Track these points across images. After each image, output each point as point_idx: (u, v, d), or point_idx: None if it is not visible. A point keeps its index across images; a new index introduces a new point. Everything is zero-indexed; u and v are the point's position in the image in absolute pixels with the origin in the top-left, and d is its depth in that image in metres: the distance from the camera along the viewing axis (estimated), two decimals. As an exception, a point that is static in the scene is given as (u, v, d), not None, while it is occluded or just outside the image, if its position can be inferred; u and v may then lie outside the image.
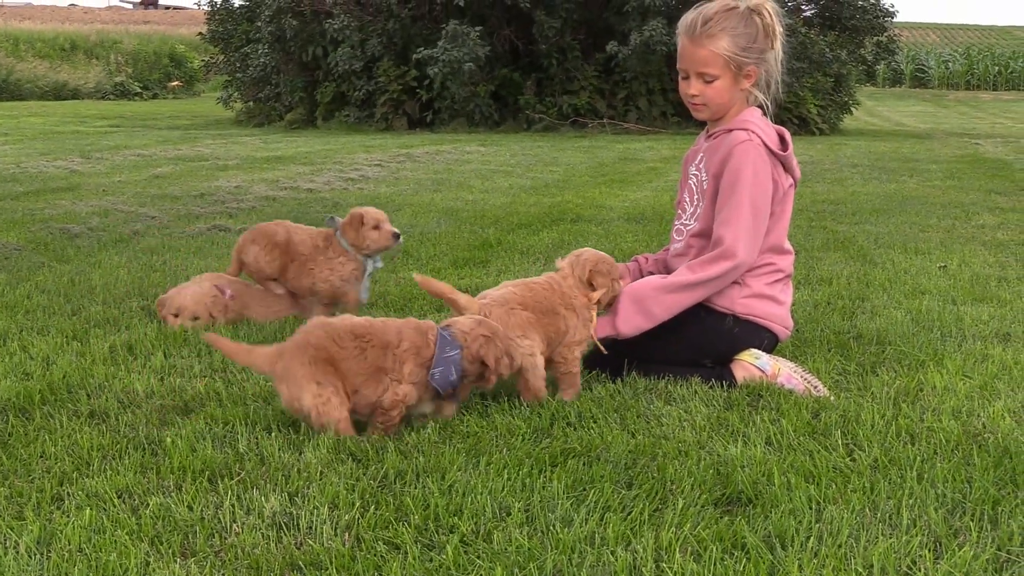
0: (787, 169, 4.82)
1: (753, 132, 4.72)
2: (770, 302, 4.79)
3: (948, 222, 10.00)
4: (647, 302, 4.71)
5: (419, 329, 4.09)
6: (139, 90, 49.22)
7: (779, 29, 4.82)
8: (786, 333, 4.91)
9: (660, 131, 25.90)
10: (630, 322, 4.69)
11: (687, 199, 4.98)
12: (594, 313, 4.62)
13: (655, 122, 26.68)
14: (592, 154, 19.12)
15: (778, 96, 4.91)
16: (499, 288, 4.60)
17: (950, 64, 69.20)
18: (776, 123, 4.93)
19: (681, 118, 27.20)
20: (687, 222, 4.94)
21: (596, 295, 4.61)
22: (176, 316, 5.61)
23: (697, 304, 4.75)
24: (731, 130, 4.77)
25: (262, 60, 29.42)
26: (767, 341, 4.81)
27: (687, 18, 4.79)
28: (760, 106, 4.89)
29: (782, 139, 4.83)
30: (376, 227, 5.74)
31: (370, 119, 27.17)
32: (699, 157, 4.93)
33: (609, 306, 4.71)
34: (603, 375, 4.73)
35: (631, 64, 25.62)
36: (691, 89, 4.82)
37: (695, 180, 4.92)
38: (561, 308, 4.51)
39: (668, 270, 5.00)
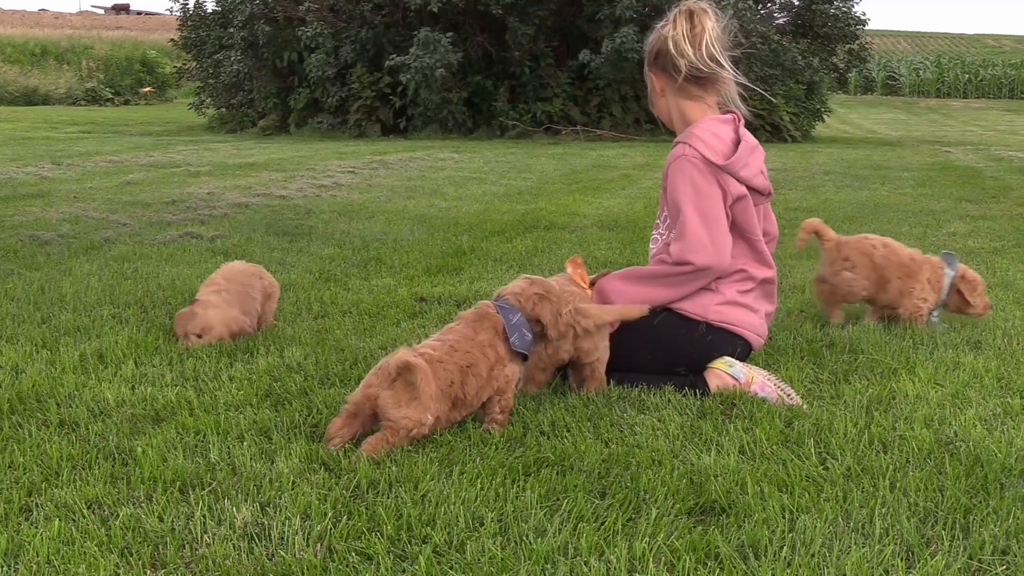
0: (740, 180, 4.75)
1: (690, 144, 4.69)
2: (744, 310, 4.80)
3: (920, 230, 10.04)
4: (609, 296, 4.81)
5: (479, 315, 4.22)
6: (111, 96, 49.08)
7: (673, 29, 4.73)
8: (760, 342, 4.92)
9: (633, 138, 25.95)
10: None
11: (661, 207, 5.00)
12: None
13: (628, 129, 26.76)
14: (565, 161, 19.13)
15: (732, 100, 4.90)
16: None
17: (921, 72, 69.72)
18: (750, 130, 4.92)
19: (654, 125, 27.26)
20: (663, 232, 4.93)
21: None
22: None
23: (669, 311, 4.77)
24: (678, 142, 4.79)
25: (235, 66, 29.42)
26: (740, 349, 4.82)
27: None
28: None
29: (739, 144, 4.79)
30: (982, 295, 5.86)
31: (343, 126, 27.18)
32: None
33: None
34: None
35: (604, 71, 25.68)
36: None
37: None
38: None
39: None
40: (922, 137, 31.16)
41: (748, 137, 4.84)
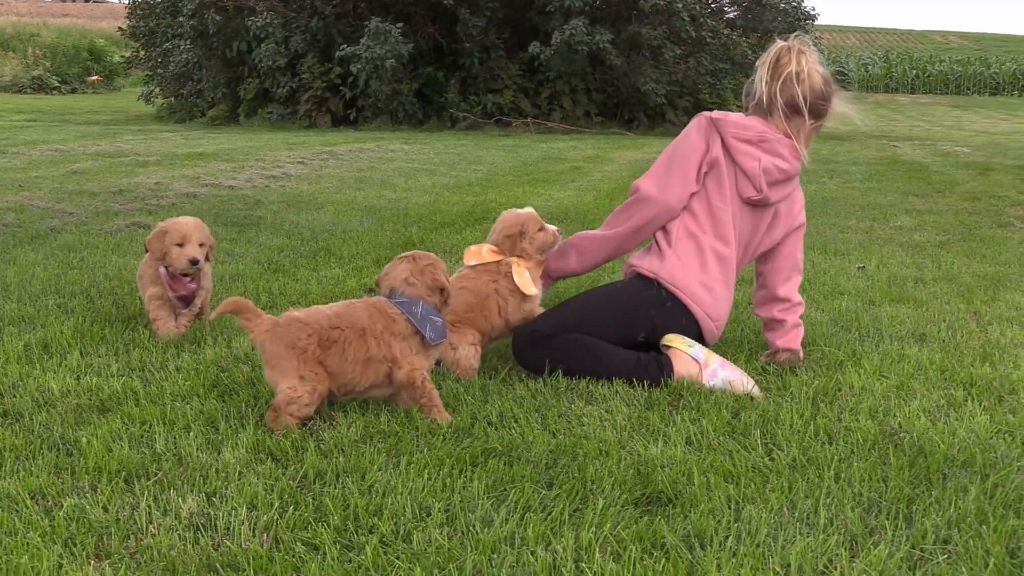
0: (726, 144, 4.89)
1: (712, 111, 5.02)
2: (697, 284, 4.83)
3: (867, 223, 10.12)
4: (574, 239, 5.15)
5: (379, 309, 4.19)
6: (57, 84, 48.59)
7: (770, 59, 5.05)
8: (711, 326, 4.86)
9: (584, 130, 26.00)
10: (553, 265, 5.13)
11: None
12: None
13: (579, 121, 26.82)
14: (516, 153, 19.13)
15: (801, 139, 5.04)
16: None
17: (869, 67, 70.26)
18: None
19: (605, 118, 27.38)
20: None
21: None
22: None
23: (636, 275, 4.92)
24: None
25: (184, 56, 29.24)
26: (690, 327, 4.81)
27: None
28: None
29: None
30: None
31: (293, 116, 27.08)
32: None
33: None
34: (525, 375, 4.72)
35: (554, 63, 25.73)
36: None
37: None
38: None
39: None
40: (870, 132, 31.39)
41: (777, 147, 4.91)
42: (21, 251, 7.72)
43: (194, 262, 5.34)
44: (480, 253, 4.95)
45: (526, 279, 4.86)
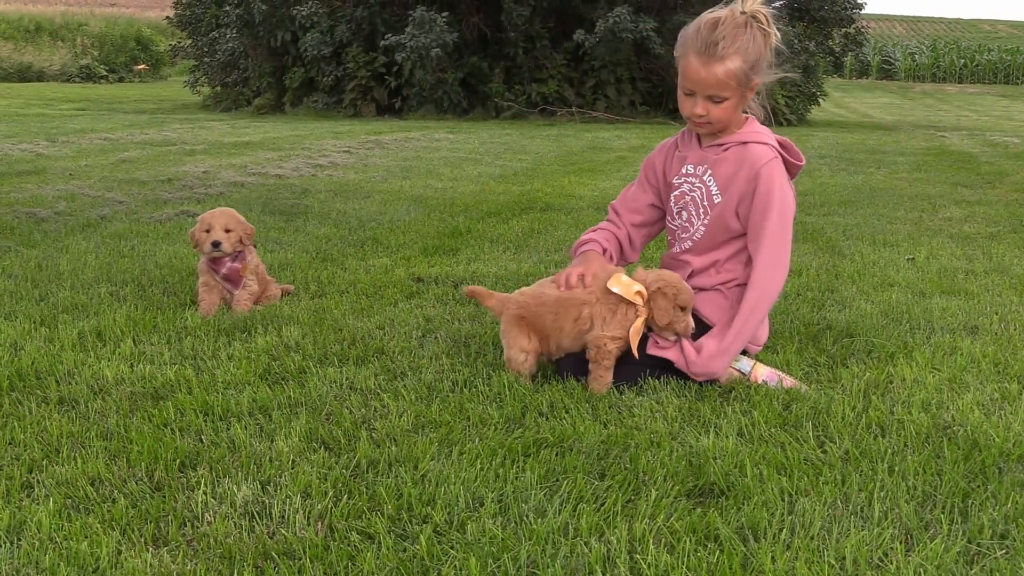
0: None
1: (773, 147, 4.58)
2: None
3: (915, 214, 10.05)
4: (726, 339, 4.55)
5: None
6: (105, 73, 48.96)
7: (775, 32, 4.55)
8: (755, 349, 4.80)
9: (628, 120, 25.93)
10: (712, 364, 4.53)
11: (692, 212, 4.78)
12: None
13: (623, 111, 26.74)
14: (561, 143, 19.11)
15: (766, 100, 4.81)
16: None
17: (916, 56, 69.82)
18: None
19: (649, 107, 27.30)
20: (696, 231, 4.78)
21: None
22: None
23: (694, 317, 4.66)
24: (746, 143, 4.61)
25: (230, 45, 29.38)
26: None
27: (695, 36, 4.53)
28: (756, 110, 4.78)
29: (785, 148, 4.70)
30: None
31: (338, 105, 27.16)
32: (698, 168, 4.76)
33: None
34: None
35: (599, 52, 25.69)
36: (697, 108, 4.58)
37: (699, 193, 4.74)
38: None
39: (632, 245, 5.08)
40: (917, 122, 31.18)
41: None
42: (73, 239, 7.79)
43: (215, 244, 5.67)
44: (627, 287, 4.51)
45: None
